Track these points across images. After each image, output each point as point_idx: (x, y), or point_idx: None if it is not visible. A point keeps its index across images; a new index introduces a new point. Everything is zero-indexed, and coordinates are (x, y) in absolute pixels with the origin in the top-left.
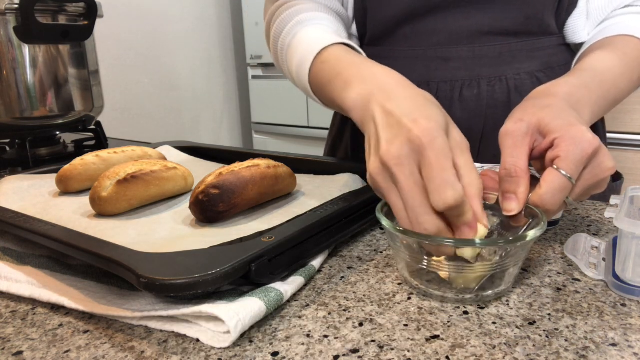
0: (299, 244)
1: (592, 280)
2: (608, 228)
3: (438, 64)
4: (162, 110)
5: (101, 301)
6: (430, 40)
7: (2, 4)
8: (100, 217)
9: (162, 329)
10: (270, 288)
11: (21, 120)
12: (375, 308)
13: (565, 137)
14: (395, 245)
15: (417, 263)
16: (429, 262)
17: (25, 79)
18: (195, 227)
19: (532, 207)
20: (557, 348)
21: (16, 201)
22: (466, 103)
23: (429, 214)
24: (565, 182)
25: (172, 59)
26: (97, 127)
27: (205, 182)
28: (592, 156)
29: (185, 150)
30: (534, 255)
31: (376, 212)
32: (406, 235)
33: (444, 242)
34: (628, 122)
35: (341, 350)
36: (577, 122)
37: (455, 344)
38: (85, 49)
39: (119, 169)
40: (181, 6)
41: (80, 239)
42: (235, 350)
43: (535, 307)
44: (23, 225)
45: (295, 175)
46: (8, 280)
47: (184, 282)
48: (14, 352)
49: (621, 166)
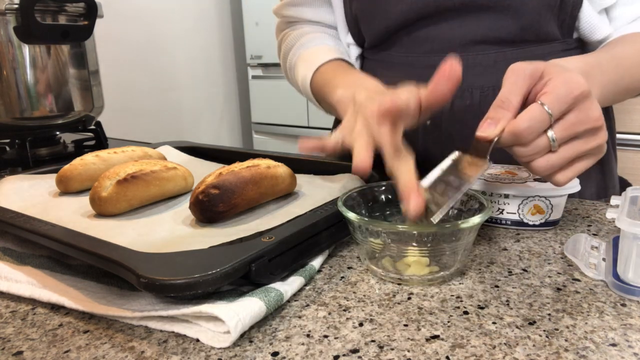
0: (299, 244)
1: (592, 280)
2: (608, 228)
3: (431, 72)
4: (162, 111)
5: (101, 301)
6: (424, 47)
7: (2, 4)
8: (100, 217)
9: (162, 329)
10: (270, 288)
11: (21, 120)
12: (375, 308)
13: (557, 78)
14: (359, 237)
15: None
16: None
17: (25, 79)
18: (195, 227)
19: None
20: (557, 348)
21: (16, 201)
22: (456, 114)
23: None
24: (543, 113)
25: (172, 59)
26: (97, 127)
27: (205, 182)
28: (578, 98)
29: (185, 150)
30: (534, 255)
31: (338, 206)
32: (370, 224)
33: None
34: (628, 122)
35: (341, 350)
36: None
37: (455, 344)
38: (85, 49)
39: (119, 169)
40: (181, 6)
41: (80, 239)
42: (235, 350)
43: (535, 307)
44: (23, 225)
45: (295, 175)
46: (8, 280)
47: (184, 282)
48: (14, 352)
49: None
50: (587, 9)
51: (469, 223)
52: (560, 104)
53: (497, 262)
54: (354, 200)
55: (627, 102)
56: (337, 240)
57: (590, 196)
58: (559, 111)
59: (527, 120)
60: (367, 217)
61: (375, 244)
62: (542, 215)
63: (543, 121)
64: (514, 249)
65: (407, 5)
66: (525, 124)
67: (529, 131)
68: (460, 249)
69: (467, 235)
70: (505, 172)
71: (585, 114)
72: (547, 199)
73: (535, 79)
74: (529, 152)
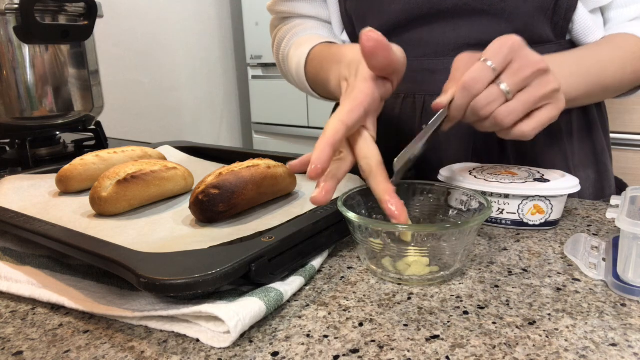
0: (299, 244)
1: (592, 280)
2: (608, 228)
3: (424, 75)
4: (162, 110)
5: (101, 301)
6: (417, 51)
7: (2, 4)
8: (100, 217)
9: (162, 329)
10: (270, 288)
11: (21, 120)
12: (375, 308)
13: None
14: (359, 237)
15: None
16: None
17: (25, 79)
18: (195, 227)
19: (480, 195)
20: (557, 348)
21: (16, 201)
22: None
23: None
24: (483, 65)
25: (172, 59)
26: (97, 127)
27: (205, 182)
28: (513, 47)
29: (185, 150)
30: (534, 255)
31: (338, 206)
32: (370, 224)
33: (400, 229)
34: (628, 122)
35: (341, 350)
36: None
37: (455, 344)
38: (85, 49)
39: (119, 169)
40: (181, 6)
41: (80, 239)
42: (235, 350)
43: (535, 307)
44: (23, 225)
45: (295, 175)
46: (8, 280)
47: (184, 282)
48: (14, 352)
49: (621, 166)
50: (581, 11)
51: (469, 223)
52: (498, 54)
53: (497, 262)
54: (354, 200)
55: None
56: (337, 240)
57: (587, 196)
58: (499, 62)
59: (471, 72)
60: (367, 217)
61: (375, 244)
62: (542, 215)
63: (485, 69)
64: (514, 249)
65: (401, 6)
66: (469, 75)
67: (475, 81)
68: (460, 249)
69: (467, 235)
70: (505, 172)
71: (526, 60)
72: (547, 199)
73: (475, 58)
74: (484, 99)
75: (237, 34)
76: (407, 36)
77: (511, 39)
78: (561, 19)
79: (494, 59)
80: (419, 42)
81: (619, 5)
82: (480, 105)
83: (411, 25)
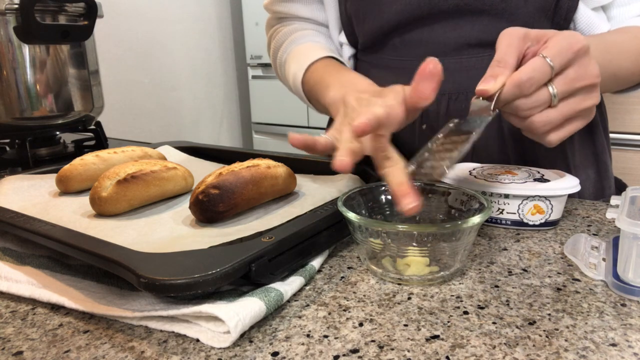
0: (299, 244)
1: (592, 280)
2: (608, 228)
3: None
4: (162, 110)
5: (101, 301)
6: (417, 51)
7: (2, 4)
8: (100, 217)
9: (162, 329)
10: (270, 288)
11: (21, 120)
12: (375, 308)
13: (557, 35)
14: (359, 237)
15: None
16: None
17: (25, 79)
18: (195, 227)
19: (480, 195)
20: (557, 348)
21: (16, 201)
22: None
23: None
24: (545, 65)
25: (172, 59)
26: (97, 127)
27: (205, 182)
28: (579, 53)
29: (185, 150)
30: (534, 255)
31: (338, 206)
32: (370, 224)
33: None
34: (628, 122)
35: (341, 350)
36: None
37: (455, 344)
38: (85, 49)
39: (119, 169)
40: (181, 6)
41: (80, 239)
42: (235, 350)
43: (535, 307)
44: (23, 225)
45: (295, 175)
46: (8, 280)
47: (184, 282)
48: (14, 352)
49: (621, 166)
50: (583, 9)
51: (469, 223)
52: (562, 57)
53: (497, 262)
54: (354, 200)
55: (626, 102)
56: (337, 240)
57: (588, 196)
58: (560, 64)
59: (530, 71)
60: (367, 217)
61: (375, 244)
62: (542, 215)
63: (545, 72)
64: (514, 249)
65: (401, 6)
66: (528, 74)
67: (532, 82)
68: (460, 249)
69: (467, 235)
70: (505, 172)
71: (584, 70)
72: (547, 199)
73: (528, 40)
74: (531, 104)
75: (237, 34)
76: (407, 36)
77: (580, 42)
78: (562, 19)
79: (556, 59)
80: (419, 42)
81: (621, 4)
82: (524, 106)
83: (412, 25)
